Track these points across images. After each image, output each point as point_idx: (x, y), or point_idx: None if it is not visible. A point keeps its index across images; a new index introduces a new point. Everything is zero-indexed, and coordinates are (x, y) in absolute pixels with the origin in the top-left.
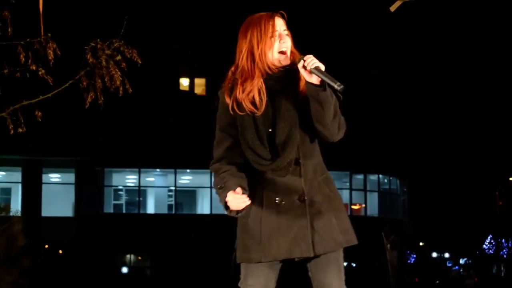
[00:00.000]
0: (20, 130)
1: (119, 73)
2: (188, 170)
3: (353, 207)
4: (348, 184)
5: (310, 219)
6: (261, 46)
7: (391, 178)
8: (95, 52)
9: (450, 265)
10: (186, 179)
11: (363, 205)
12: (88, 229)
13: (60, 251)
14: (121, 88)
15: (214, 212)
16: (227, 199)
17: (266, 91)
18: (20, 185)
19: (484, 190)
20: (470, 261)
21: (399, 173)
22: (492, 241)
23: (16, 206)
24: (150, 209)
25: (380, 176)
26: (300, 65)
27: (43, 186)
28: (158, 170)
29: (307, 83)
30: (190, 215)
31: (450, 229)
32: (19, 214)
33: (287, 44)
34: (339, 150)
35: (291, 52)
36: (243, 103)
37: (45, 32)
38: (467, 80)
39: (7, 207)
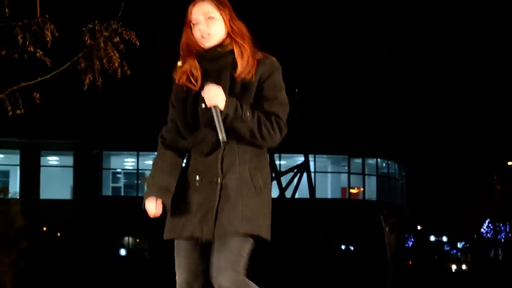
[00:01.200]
0: (18, 111)
1: (117, 55)
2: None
3: (351, 190)
4: (346, 168)
5: (218, 202)
6: (184, 33)
7: (389, 162)
8: (93, 34)
9: (448, 248)
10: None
11: (362, 189)
12: (86, 211)
13: (58, 234)
14: (119, 70)
15: None
16: (146, 205)
17: (201, 71)
18: (18, 168)
19: (482, 174)
20: (468, 245)
21: (397, 157)
22: (490, 225)
23: (14, 188)
24: None
25: (379, 160)
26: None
27: (42, 169)
28: (156, 153)
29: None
30: None
31: (448, 213)
32: (17, 196)
33: (204, 29)
34: (338, 135)
35: (229, 33)
36: (182, 80)
37: (42, 14)
38: (466, 63)
39: (5, 189)
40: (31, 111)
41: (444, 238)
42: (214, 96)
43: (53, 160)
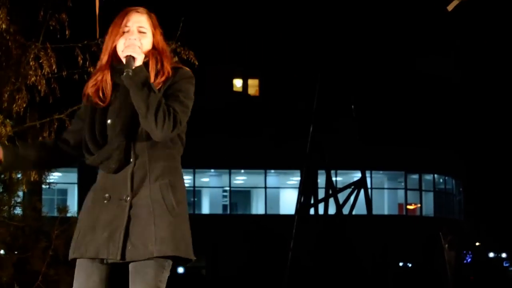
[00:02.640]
0: None
1: None
2: (242, 171)
3: (408, 207)
4: (403, 184)
5: (127, 222)
6: (110, 40)
7: (446, 178)
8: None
9: (507, 265)
10: (240, 179)
11: (419, 205)
12: None
13: None
14: None
15: (268, 212)
16: None
17: (113, 85)
18: (76, 186)
19: None
20: None
21: (455, 173)
22: None
23: (72, 207)
24: (205, 209)
25: (436, 175)
26: (119, 49)
27: None
28: (212, 170)
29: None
30: (245, 215)
31: (507, 229)
32: (76, 215)
33: (135, 42)
34: (394, 150)
35: (152, 50)
36: (91, 94)
37: (101, 34)
38: None
39: (65, 208)
40: None
41: (504, 255)
42: (135, 51)
43: None
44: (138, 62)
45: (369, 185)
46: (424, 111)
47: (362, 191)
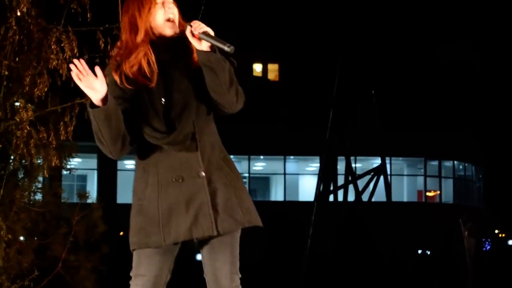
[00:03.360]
0: None
1: None
2: (261, 157)
3: (427, 194)
4: (422, 170)
5: (209, 196)
6: (143, 15)
7: (466, 165)
8: None
9: None
10: (259, 165)
11: (438, 192)
12: None
13: None
14: None
15: (287, 199)
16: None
17: (157, 62)
18: (95, 172)
19: None
20: None
21: (475, 159)
22: None
23: (92, 192)
24: None
25: (455, 162)
26: (187, 32)
27: (118, 172)
28: (231, 156)
29: (198, 51)
30: (264, 201)
31: None
32: (95, 200)
33: (173, 10)
34: (413, 136)
35: (180, 23)
36: (133, 76)
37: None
38: None
39: (85, 194)
40: None
41: None
42: (203, 25)
43: (130, 164)
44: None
45: (388, 172)
46: (444, 97)
47: (381, 177)
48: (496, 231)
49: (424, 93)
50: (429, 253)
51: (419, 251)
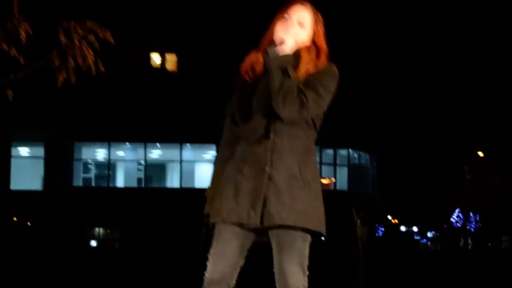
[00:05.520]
0: None
1: (92, 53)
2: (158, 144)
3: (323, 181)
4: (318, 158)
5: (265, 191)
6: (271, 26)
7: (361, 153)
8: (68, 33)
9: (418, 238)
10: (155, 153)
11: (333, 179)
12: (57, 202)
13: (28, 224)
14: (93, 68)
15: (184, 185)
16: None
17: (264, 66)
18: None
19: (452, 164)
20: (438, 235)
21: (369, 148)
22: (460, 214)
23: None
24: (120, 182)
25: (350, 150)
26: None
27: (12, 159)
28: (127, 143)
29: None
30: (160, 188)
31: (418, 203)
32: None
33: (287, 32)
34: None
35: (303, 47)
36: (245, 67)
37: (18, 13)
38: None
39: None
40: (3, 104)
41: (415, 228)
42: (287, 34)
43: (24, 151)
44: (287, 47)
45: None
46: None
47: None
48: (389, 217)
49: None
50: (323, 239)
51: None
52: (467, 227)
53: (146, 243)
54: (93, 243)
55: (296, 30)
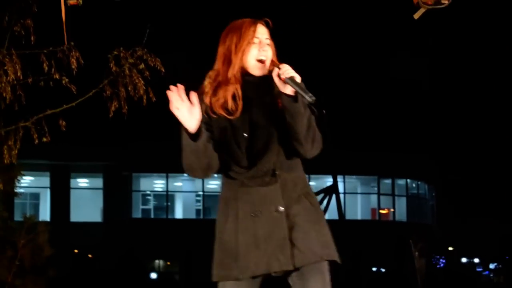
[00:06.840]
0: (44, 139)
1: (142, 82)
2: (215, 175)
3: (381, 211)
4: (376, 188)
5: (287, 231)
6: (238, 51)
7: (419, 183)
8: (118, 61)
9: (480, 270)
10: (213, 183)
11: (392, 210)
12: (117, 234)
13: (90, 256)
14: (144, 97)
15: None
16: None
17: (242, 97)
18: (48, 190)
19: None
20: (500, 266)
21: (428, 178)
22: None
23: (45, 211)
24: (178, 214)
25: (408, 180)
26: (274, 74)
27: (72, 191)
28: (185, 175)
29: (281, 93)
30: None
31: (480, 234)
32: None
33: (266, 53)
34: (367, 154)
35: (272, 62)
36: (215, 108)
37: (68, 41)
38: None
39: (33, 217)
40: (60, 134)
41: (476, 260)
42: (291, 70)
43: (83, 182)
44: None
45: (342, 190)
46: (396, 115)
47: (334, 196)
48: (450, 249)
49: (377, 111)
50: (383, 270)
51: (374, 269)
52: None
53: (205, 275)
54: (153, 275)
55: (269, 54)
